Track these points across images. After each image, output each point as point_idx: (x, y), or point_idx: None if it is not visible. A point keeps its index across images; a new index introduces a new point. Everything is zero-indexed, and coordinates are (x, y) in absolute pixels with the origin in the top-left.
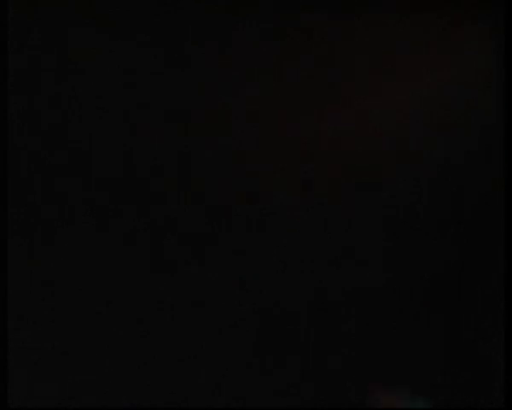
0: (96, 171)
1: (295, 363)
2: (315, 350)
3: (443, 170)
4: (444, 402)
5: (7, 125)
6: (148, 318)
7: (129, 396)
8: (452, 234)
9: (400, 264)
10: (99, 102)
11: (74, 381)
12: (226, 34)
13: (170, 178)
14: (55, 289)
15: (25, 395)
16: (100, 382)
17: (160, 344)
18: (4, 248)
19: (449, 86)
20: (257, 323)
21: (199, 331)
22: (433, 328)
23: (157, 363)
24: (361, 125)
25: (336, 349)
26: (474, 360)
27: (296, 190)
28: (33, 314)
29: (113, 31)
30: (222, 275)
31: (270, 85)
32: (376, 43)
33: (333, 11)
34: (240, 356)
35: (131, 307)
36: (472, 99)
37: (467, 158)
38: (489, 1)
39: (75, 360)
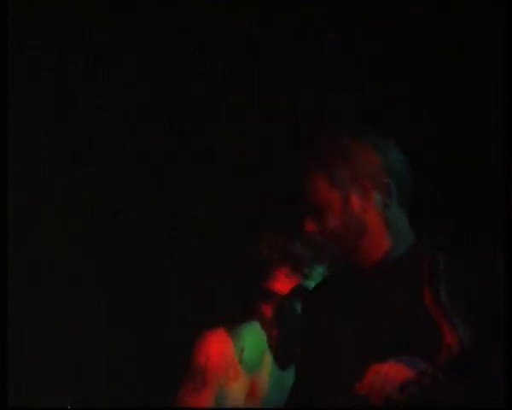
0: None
1: None
2: None
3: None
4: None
5: (7, 125)
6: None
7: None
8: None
9: None
10: (99, 101)
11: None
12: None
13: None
14: (56, 292)
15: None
16: (100, 380)
17: None
18: (4, 247)
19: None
20: None
21: None
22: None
23: None
24: None
25: None
26: (474, 359)
27: None
28: (33, 314)
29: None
30: None
31: None
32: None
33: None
34: None
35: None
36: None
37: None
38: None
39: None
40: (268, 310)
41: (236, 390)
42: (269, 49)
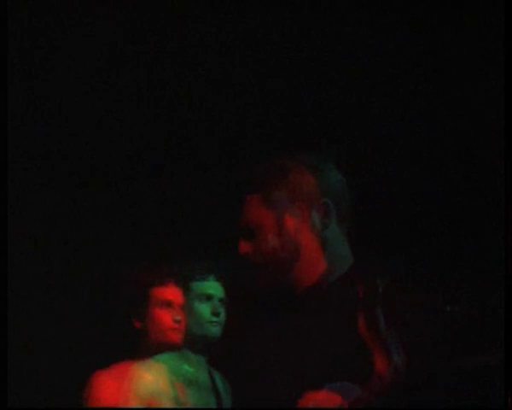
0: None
1: None
2: None
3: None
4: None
5: (7, 125)
6: None
7: None
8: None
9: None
10: (99, 101)
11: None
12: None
13: None
14: (56, 291)
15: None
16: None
17: None
18: (4, 246)
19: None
20: None
21: None
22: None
23: None
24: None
25: None
26: (474, 360)
27: None
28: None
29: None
30: None
31: None
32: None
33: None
34: None
35: None
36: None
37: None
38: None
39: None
40: (166, 316)
41: None
42: (269, 49)
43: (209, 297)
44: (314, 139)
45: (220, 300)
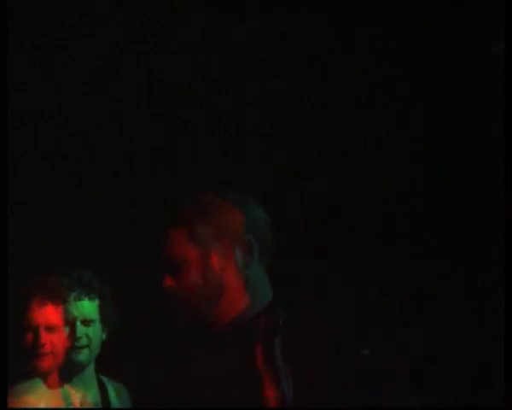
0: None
1: None
2: None
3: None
4: (443, 401)
5: (7, 124)
6: None
7: None
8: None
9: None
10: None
11: None
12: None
13: None
14: None
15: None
16: None
17: None
18: (4, 245)
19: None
20: None
21: None
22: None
23: None
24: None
25: None
26: (474, 359)
27: None
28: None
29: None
30: None
31: None
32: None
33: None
34: None
35: None
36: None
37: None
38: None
39: None
40: (29, 340)
41: None
42: (269, 49)
43: (70, 321)
44: (313, 139)
45: (85, 322)
